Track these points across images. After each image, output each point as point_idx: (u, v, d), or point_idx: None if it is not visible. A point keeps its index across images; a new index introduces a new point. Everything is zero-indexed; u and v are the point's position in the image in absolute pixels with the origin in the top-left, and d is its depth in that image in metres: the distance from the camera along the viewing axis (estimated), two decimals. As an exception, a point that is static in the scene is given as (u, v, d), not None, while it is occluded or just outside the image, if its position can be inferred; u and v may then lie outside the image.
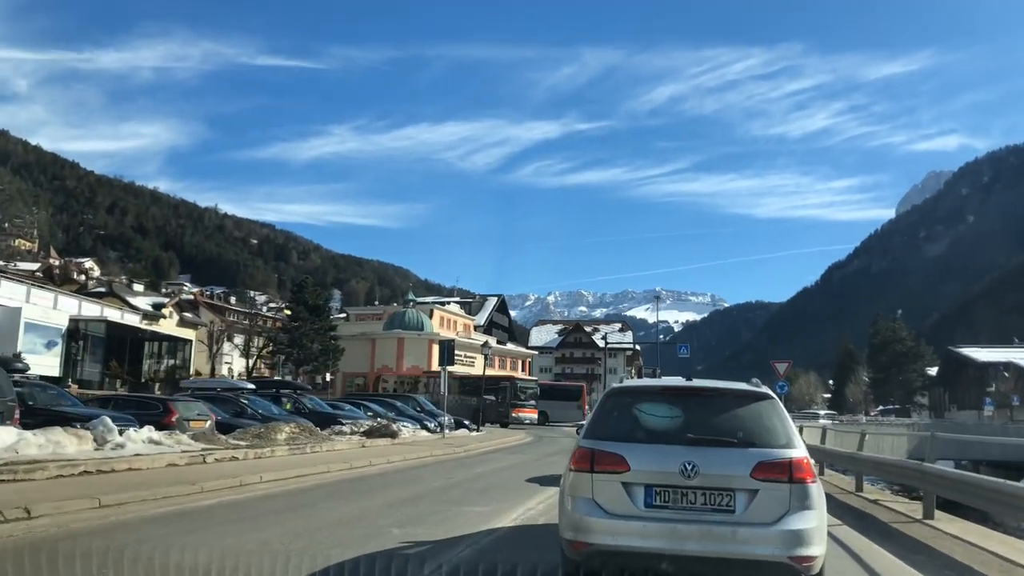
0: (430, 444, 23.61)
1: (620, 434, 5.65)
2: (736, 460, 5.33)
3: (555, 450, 25.03)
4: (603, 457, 5.47)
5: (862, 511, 11.61)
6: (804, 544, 5.11)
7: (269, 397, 26.55)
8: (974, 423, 51.22)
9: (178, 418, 18.30)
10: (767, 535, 5.12)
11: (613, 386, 6.36)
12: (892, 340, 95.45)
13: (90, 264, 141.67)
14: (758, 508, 5.20)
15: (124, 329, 38.40)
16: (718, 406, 5.82)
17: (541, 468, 17.93)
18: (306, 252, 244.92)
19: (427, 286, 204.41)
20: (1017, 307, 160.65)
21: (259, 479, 12.59)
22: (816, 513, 5.26)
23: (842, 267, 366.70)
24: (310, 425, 21.50)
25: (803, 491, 5.26)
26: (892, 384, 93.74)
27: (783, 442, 5.45)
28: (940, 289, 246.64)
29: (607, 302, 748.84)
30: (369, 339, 69.61)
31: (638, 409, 5.86)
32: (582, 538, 5.34)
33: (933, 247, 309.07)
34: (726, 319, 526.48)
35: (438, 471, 16.22)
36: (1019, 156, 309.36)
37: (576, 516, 5.39)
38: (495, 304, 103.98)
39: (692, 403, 5.82)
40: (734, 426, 5.58)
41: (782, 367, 30.41)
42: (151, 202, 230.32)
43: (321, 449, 19.05)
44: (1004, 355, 71.05)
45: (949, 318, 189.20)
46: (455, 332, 78.95)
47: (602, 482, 5.41)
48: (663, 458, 5.36)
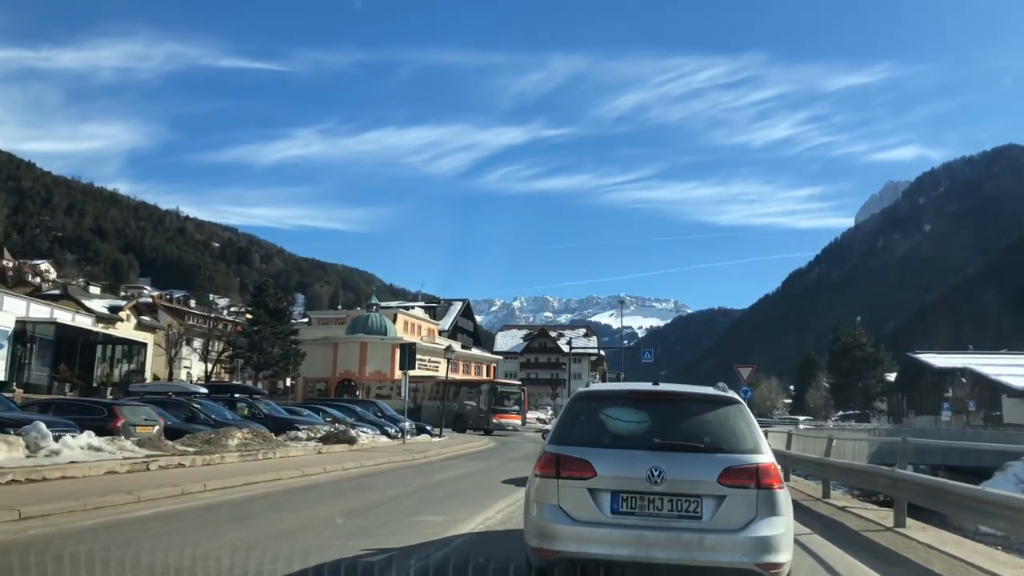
0: (389, 450, 22.95)
1: (586, 439, 5.48)
2: (703, 465, 5.20)
3: (518, 455, 24.51)
4: (569, 463, 5.31)
5: (831, 519, 11.24)
6: (771, 551, 4.99)
7: (223, 402, 25.66)
8: (932, 428, 51.68)
9: (124, 423, 17.48)
10: (734, 542, 4.99)
11: (579, 390, 6.18)
12: (853, 346, 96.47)
13: (46, 266, 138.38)
14: (725, 514, 5.07)
15: (75, 332, 37.14)
16: (685, 411, 5.63)
17: (503, 474, 17.40)
18: (269, 256, 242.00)
19: (392, 291, 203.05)
20: (972, 315, 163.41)
21: (203, 487, 11.89)
22: (783, 520, 5.13)
23: (803, 275, 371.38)
24: (264, 431, 20.74)
25: (770, 497, 5.14)
26: (852, 390, 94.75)
27: (750, 447, 5.34)
28: (898, 297, 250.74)
29: (572, 308, 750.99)
30: (331, 343, 68.53)
31: (605, 414, 5.65)
32: (548, 545, 5.18)
33: (891, 256, 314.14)
34: (689, 325, 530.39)
35: (395, 478, 15.60)
36: (973, 167, 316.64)
37: (542, 523, 5.23)
38: (460, 309, 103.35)
39: (659, 408, 5.63)
40: (701, 431, 5.43)
41: (746, 372, 30.24)
42: (110, 204, 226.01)
43: (275, 455, 18.32)
44: (961, 361, 72.01)
45: (906, 325, 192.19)
46: (419, 337, 78.10)
47: (568, 488, 5.25)
48: (630, 464, 5.21)
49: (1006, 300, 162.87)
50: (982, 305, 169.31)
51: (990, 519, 7.89)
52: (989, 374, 68.42)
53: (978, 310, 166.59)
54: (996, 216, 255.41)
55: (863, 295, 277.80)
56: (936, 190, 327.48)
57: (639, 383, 6.30)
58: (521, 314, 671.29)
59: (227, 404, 25.41)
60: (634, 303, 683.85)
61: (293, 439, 22.05)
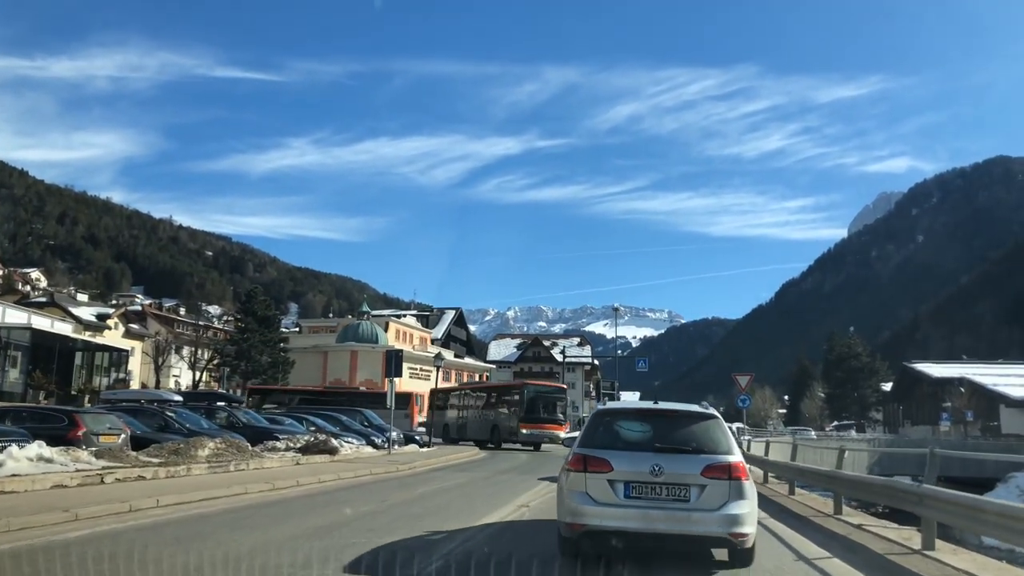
0: (372, 461, 21.78)
1: (605, 443, 7.34)
2: (690, 463, 7.00)
3: (508, 467, 23.36)
4: (593, 461, 7.09)
5: (849, 539, 10.13)
6: (739, 524, 6.82)
7: (201, 410, 24.49)
8: (931, 438, 50.59)
9: (85, 432, 16.29)
10: (713, 517, 6.80)
11: (599, 408, 8.41)
12: (848, 356, 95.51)
13: (37, 274, 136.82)
14: (706, 498, 6.86)
15: (52, 338, 35.86)
16: (677, 424, 7.54)
17: (491, 487, 16.26)
18: (262, 265, 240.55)
19: (386, 300, 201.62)
20: (965, 325, 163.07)
21: (155, 503, 10.74)
22: (748, 502, 6.95)
23: (796, 285, 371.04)
24: (239, 441, 19.56)
25: (739, 486, 6.96)
26: (847, 399, 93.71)
27: (724, 450, 7.16)
28: (891, 307, 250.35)
29: (566, 317, 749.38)
30: (321, 352, 67.38)
31: (618, 425, 7.67)
32: (578, 520, 6.98)
33: (884, 266, 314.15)
34: (683, 335, 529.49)
35: (373, 492, 14.45)
36: (965, 178, 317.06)
37: (573, 504, 7.03)
38: (453, 317, 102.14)
39: (658, 421, 7.56)
40: (689, 438, 7.31)
41: (744, 380, 29.15)
42: (103, 212, 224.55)
43: (248, 467, 17.16)
44: (958, 371, 71.12)
45: (900, 335, 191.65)
46: (411, 345, 76.95)
47: (592, 479, 7.01)
48: (637, 462, 7.01)
49: (1000, 310, 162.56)
50: (976, 315, 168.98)
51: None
52: (987, 384, 67.51)
53: (972, 320, 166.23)
54: (989, 226, 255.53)
55: (856, 305, 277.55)
56: (929, 201, 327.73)
57: (644, 403, 8.51)
58: (515, 323, 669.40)
59: (205, 413, 24.25)
60: (628, 313, 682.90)
61: (271, 449, 20.87)
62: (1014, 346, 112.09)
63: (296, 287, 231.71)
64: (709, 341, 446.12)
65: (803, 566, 8.22)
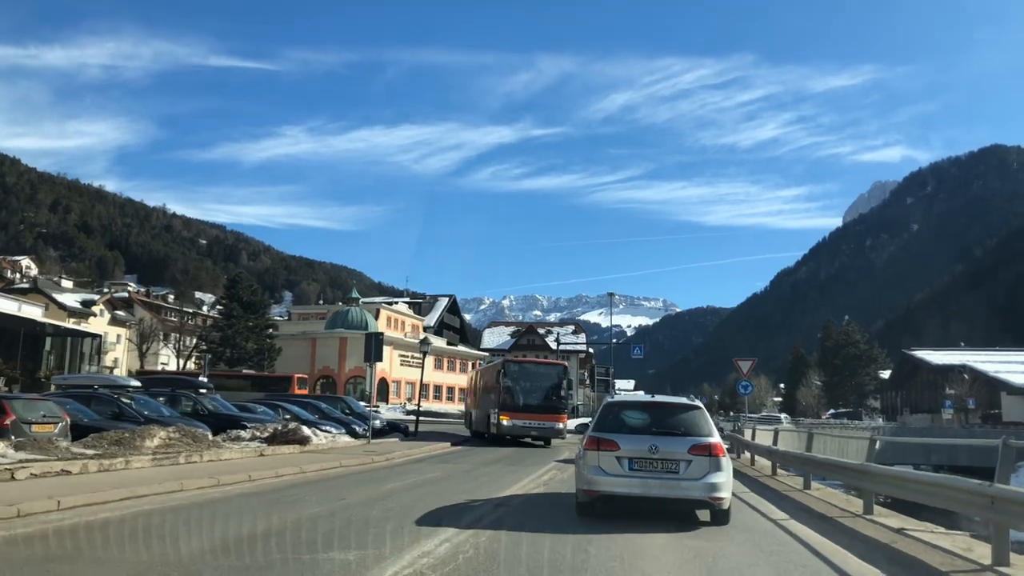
0: (347, 452, 19.91)
1: (614, 428, 9.58)
2: (680, 443, 9.20)
3: (494, 457, 21.50)
4: (604, 442, 9.30)
5: (896, 550, 8.20)
6: (717, 490, 9.03)
7: (166, 396, 22.60)
8: (936, 427, 48.88)
9: (14, 421, 14.40)
10: (697, 485, 9.01)
11: (608, 400, 10.78)
12: (846, 343, 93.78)
13: (27, 262, 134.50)
14: (692, 470, 9.06)
15: (17, 322, 33.84)
16: (670, 412, 9.93)
17: (469, 482, 14.39)
18: (256, 253, 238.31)
19: (380, 288, 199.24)
20: (960, 313, 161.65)
21: (55, 506, 8.84)
22: (724, 473, 9.17)
23: (791, 274, 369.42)
24: (197, 430, 17.68)
25: (717, 461, 9.15)
26: (845, 387, 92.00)
27: (706, 433, 9.41)
28: (886, 296, 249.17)
29: (561, 306, 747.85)
30: (310, 339, 65.42)
31: (624, 414, 9.97)
32: (593, 488, 9.22)
33: (879, 255, 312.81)
34: (678, 324, 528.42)
35: (333, 488, 12.57)
36: (960, 167, 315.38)
37: (589, 476, 9.23)
38: (446, 305, 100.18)
39: (655, 411, 10.01)
40: (678, 424, 9.59)
41: (746, 365, 27.31)
42: (96, 200, 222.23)
43: (201, 459, 15.26)
44: (958, 358, 69.49)
45: (895, 324, 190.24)
46: (403, 333, 75.12)
47: (604, 455, 9.22)
48: (639, 442, 9.22)
49: (994, 299, 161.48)
50: (970, 304, 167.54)
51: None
52: (988, 371, 65.94)
53: (966, 309, 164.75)
54: (983, 215, 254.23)
55: (851, 294, 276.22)
56: (924, 190, 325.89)
57: (644, 396, 12.10)
58: (510, 312, 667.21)
59: (169, 399, 22.36)
60: (623, 302, 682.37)
61: (234, 439, 19.00)
62: (1008, 334, 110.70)
63: (290, 275, 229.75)
64: (704, 330, 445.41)
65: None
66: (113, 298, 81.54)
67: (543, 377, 29.69)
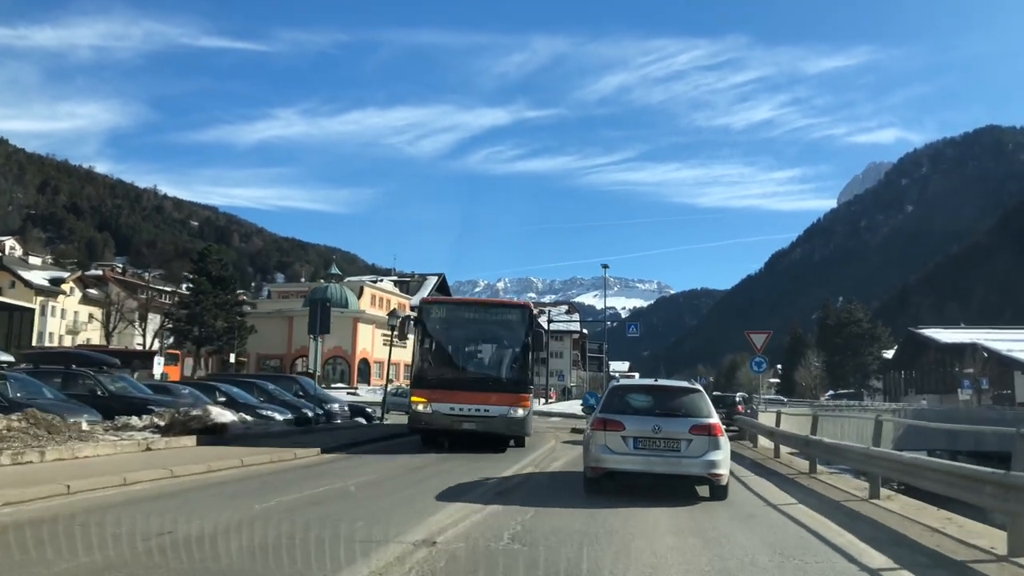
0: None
1: (619, 409, 10.24)
2: (681, 424, 9.86)
3: (445, 453, 17.15)
4: (611, 423, 9.90)
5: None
6: (716, 467, 9.65)
7: (59, 375, 18.50)
8: (954, 409, 44.96)
9: None
10: (697, 462, 9.66)
11: (613, 384, 11.69)
12: (848, 322, 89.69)
13: (12, 243, 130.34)
14: (692, 449, 9.70)
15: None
16: (672, 395, 10.75)
17: (396, 493, 10.25)
18: (248, 235, 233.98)
19: (373, 270, 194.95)
20: (956, 294, 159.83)
21: None
22: (722, 451, 9.78)
23: (785, 255, 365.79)
24: (57, 418, 13.53)
25: (716, 440, 9.77)
26: (846, 367, 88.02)
27: (706, 414, 10.07)
28: (881, 276, 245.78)
29: (556, 288, 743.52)
30: (286, 317, 61.25)
31: (629, 396, 10.70)
32: (600, 465, 9.84)
33: (874, 236, 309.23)
34: (672, 306, 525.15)
35: (185, 508, 8.43)
36: (956, 148, 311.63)
37: (597, 454, 9.82)
38: (435, 283, 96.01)
39: (658, 393, 10.91)
40: (680, 406, 10.30)
41: (759, 339, 23.31)
42: (86, 181, 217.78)
43: (42, 459, 11.12)
44: (969, 336, 65.64)
45: (890, 304, 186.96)
46: (389, 311, 71.09)
47: (610, 435, 9.80)
48: (643, 423, 9.85)
49: (990, 279, 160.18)
50: (965, 285, 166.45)
51: None
52: (1000, 350, 62.17)
53: (962, 290, 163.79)
54: (979, 196, 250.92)
55: (846, 275, 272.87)
56: (919, 171, 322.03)
57: (647, 380, 14.17)
58: (505, 295, 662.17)
59: (63, 379, 18.26)
60: (617, 284, 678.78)
61: (121, 428, 14.84)
62: (1005, 315, 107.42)
63: (283, 257, 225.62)
64: (698, 311, 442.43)
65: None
66: (85, 276, 77.31)
67: (485, 329, 17.83)
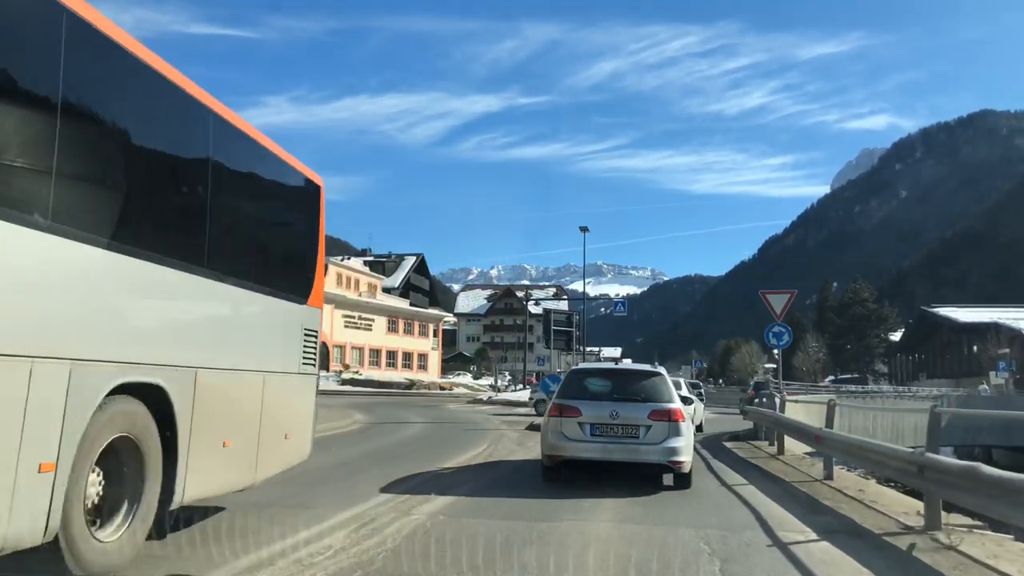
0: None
1: (577, 394, 9.63)
2: (640, 409, 9.30)
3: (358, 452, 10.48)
4: (567, 408, 9.34)
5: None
6: (677, 454, 9.08)
7: None
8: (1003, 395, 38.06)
9: None
10: (656, 448, 9.10)
11: (573, 368, 11.77)
12: (853, 302, 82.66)
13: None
14: (651, 435, 9.14)
15: None
16: (632, 379, 10.27)
17: None
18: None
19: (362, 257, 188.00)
20: (950, 279, 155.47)
21: None
22: (684, 438, 9.21)
23: (779, 241, 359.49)
24: None
25: (676, 426, 9.17)
26: (851, 351, 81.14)
27: (667, 399, 9.47)
28: (875, 261, 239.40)
29: (550, 276, 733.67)
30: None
31: (588, 381, 10.09)
32: (556, 453, 9.29)
33: (868, 221, 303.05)
34: (666, 292, 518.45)
35: None
36: (949, 133, 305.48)
37: (553, 441, 9.29)
38: (413, 264, 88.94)
39: (618, 377, 10.40)
40: (640, 390, 9.74)
41: (779, 300, 16.50)
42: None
43: None
44: (988, 315, 58.85)
45: (885, 289, 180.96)
46: (357, 292, 64.07)
47: (567, 422, 9.25)
48: (600, 408, 9.30)
49: (985, 264, 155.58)
50: (960, 269, 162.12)
51: None
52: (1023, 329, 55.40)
53: (957, 274, 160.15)
54: (973, 180, 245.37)
55: (841, 261, 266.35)
56: (913, 156, 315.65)
57: (607, 363, 17.98)
58: (499, 282, 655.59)
59: None
60: (611, 271, 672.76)
61: None
62: (999, 301, 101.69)
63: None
64: (692, 298, 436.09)
65: None
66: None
67: None
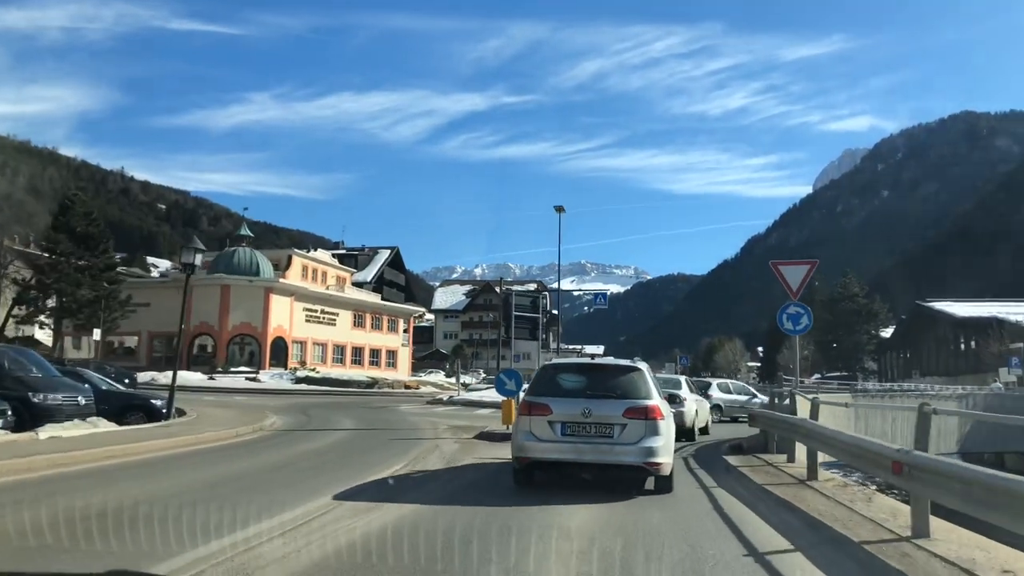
0: None
1: (548, 392, 8.71)
2: (614, 406, 8.33)
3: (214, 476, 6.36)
4: (536, 406, 8.49)
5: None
6: (654, 455, 8.14)
7: None
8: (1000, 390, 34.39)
9: None
10: (632, 449, 8.16)
11: (545, 363, 9.91)
12: (841, 297, 79.22)
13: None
14: (626, 434, 8.19)
15: None
16: (607, 375, 9.06)
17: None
18: (218, 218, 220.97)
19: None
20: (932, 278, 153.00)
21: None
22: (662, 437, 8.24)
23: (761, 240, 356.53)
24: None
25: (654, 424, 8.22)
26: (839, 347, 77.54)
27: (644, 395, 8.49)
28: (857, 261, 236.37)
29: (534, 275, 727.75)
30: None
31: (560, 377, 9.12)
32: (525, 454, 8.41)
33: (850, 220, 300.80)
34: (649, 291, 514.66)
35: None
36: (931, 134, 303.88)
37: (521, 441, 8.45)
38: (387, 258, 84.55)
39: (591, 373, 9.14)
40: (615, 386, 8.69)
41: (797, 273, 12.83)
42: (48, 163, 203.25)
43: None
44: (986, 310, 55.25)
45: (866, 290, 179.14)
46: (325, 286, 59.68)
47: (536, 420, 8.40)
48: (572, 406, 8.36)
49: (966, 263, 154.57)
50: (942, 269, 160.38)
51: None
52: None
53: (938, 273, 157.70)
54: (954, 180, 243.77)
55: (823, 260, 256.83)
56: (894, 156, 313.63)
57: (581, 359, 11.19)
58: (483, 280, 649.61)
59: None
60: (595, 269, 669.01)
61: None
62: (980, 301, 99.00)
63: (254, 241, 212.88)
64: (674, 297, 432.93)
65: None
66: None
67: None
